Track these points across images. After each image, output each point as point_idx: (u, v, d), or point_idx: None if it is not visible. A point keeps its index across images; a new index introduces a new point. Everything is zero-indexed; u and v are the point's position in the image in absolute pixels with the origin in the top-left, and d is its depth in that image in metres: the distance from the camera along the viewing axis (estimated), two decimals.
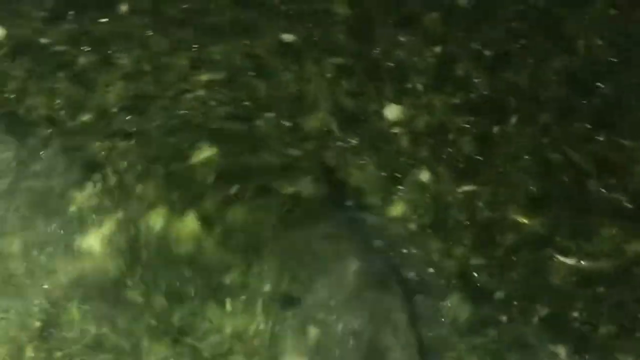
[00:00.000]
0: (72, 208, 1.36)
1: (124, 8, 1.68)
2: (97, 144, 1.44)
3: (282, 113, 1.50)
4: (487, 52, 1.59)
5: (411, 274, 1.30)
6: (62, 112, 1.50)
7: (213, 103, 1.52)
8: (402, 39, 1.62)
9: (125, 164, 1.41)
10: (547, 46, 1.57)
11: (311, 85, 1.54)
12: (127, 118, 1.48)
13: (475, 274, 1.30)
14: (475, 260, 1.31)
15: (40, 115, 1.50)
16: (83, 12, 1.67)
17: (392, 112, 1.50)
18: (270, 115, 1.50)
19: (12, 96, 1.53)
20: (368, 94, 1.53)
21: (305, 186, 1.39)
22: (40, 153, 1.44)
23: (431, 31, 1.63)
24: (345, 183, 1.41)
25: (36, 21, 1.65)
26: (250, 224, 1.33)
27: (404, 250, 1.33)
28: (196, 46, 1.62)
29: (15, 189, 1.39)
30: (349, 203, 1.38)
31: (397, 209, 1.38)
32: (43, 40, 1.62)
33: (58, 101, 1.52)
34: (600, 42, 1.57)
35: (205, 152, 1.42)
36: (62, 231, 1.34)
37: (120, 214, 1.34)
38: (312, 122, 1.49)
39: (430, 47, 1.60)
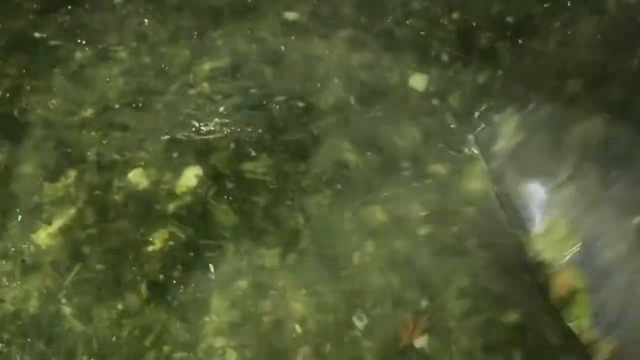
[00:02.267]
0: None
1: None
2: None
3: (293, 95, 1.44)
4: (509, 19, 1.50)
5: None
6: (59, 112, 1.43)
7: (219, 97, 1.45)
8: (415, 6, 1.55)
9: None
10: (574, 7, 1.43)
11: (320, 63, 1.48)
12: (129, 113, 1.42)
13: None
14: None
15: (37, 115, 1.43)
16: (77, 3, 1.60)
17: (418, 82, 1.45)
18: (280, 98, 1.43)
19: (6, 95, 1.46)
20: (385, 65, 1.47)
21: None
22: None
23: None
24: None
25: (29, 14, 1.58)
26: None
27: None
28: (196, 33, 1.55)
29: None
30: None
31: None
32: (37, 35, 1.55)
33: (54, 100, 1.45)
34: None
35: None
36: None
37: None
38: (327, 100, 1.43)
39: (447, 14, 1.53)
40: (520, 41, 1.46)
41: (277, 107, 1.43)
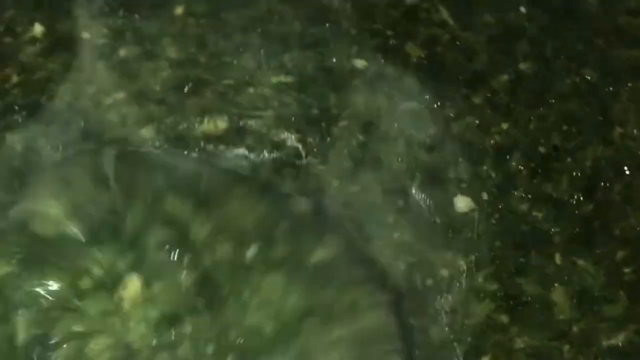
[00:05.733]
0: None
1: (179, 10, 1.45)
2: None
3: (355, 126, 1.27)
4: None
5: None
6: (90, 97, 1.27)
7: (276, 103, 1.26)
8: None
9: None
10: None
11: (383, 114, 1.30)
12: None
13: None
14: None
15: (64, 102, 1.28)
16: (132, 10, 1.44)
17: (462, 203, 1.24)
18: (343, 124, 1.27)
19: (40, 86, 1.31)
20: None
21: None
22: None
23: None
24: None
25: (83, 19, 1.43)
26: None
27: None
28: (263, 51, 1.37)
29: None
30: None
31: None
32: (85, 35, 1.39)
33: (89, 88, 1.28)
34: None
35: None
36: None
37: None
38: (388, 148, 1.25)
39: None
40: None
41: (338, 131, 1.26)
